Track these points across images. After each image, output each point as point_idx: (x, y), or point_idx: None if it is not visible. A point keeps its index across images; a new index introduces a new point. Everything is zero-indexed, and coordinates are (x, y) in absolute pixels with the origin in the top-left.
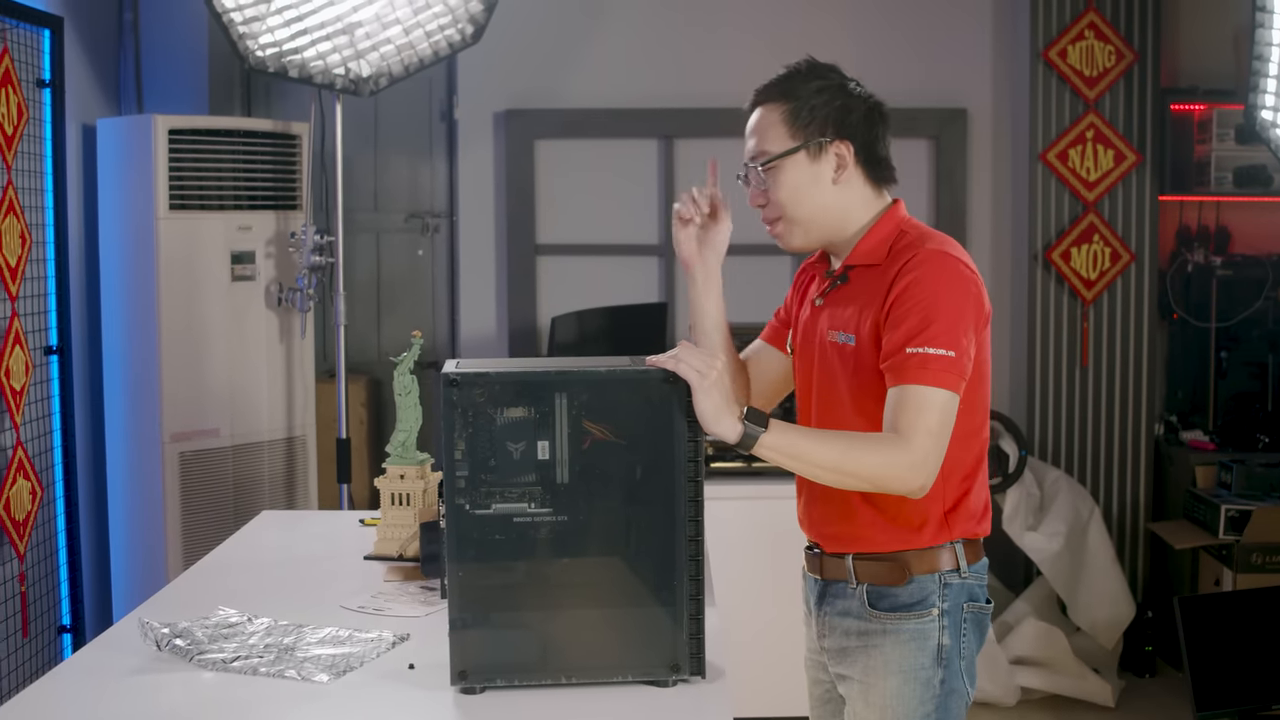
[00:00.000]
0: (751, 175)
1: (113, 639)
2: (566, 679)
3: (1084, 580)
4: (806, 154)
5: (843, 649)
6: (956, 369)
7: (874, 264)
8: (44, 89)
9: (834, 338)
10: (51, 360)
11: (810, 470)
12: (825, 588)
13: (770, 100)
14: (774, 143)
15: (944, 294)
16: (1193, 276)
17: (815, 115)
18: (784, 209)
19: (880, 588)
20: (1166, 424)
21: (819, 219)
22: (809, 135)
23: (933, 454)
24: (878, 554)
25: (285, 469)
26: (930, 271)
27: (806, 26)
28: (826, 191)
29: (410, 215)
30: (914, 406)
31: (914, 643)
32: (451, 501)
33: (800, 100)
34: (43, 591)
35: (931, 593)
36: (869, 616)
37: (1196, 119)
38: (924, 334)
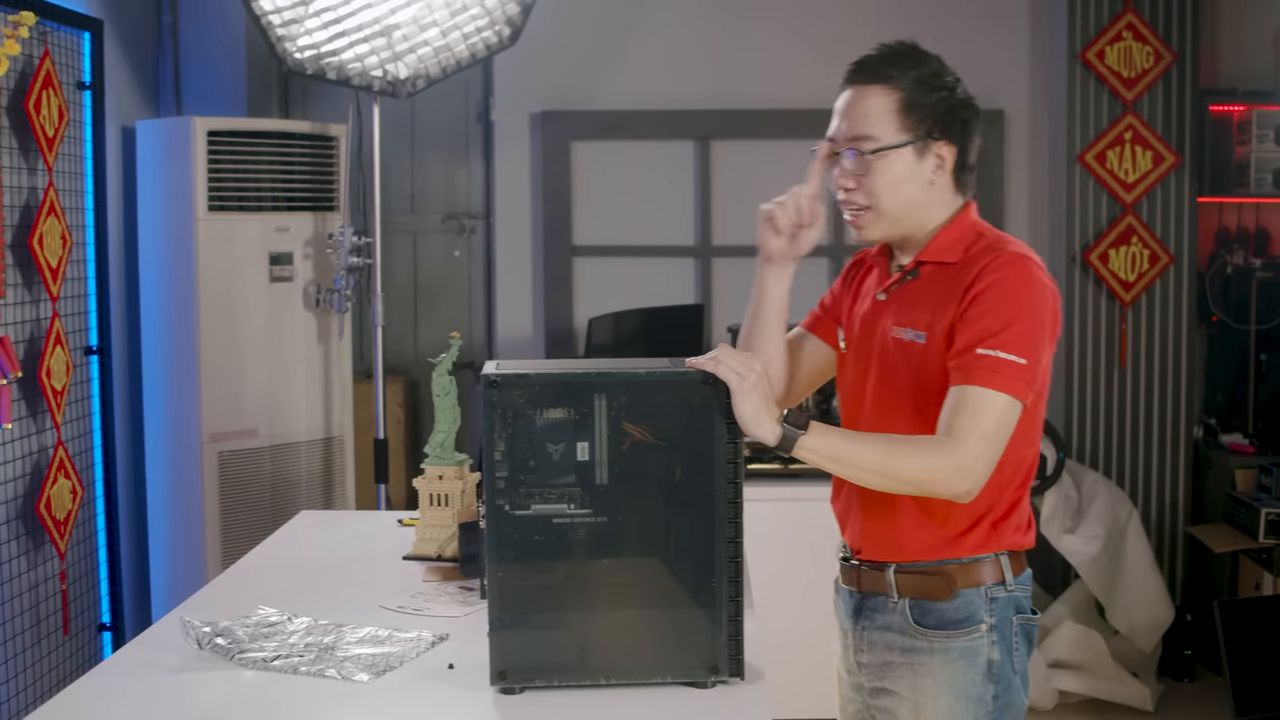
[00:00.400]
0: (848, 157)
1: (154, 637)
2: (605, 680)
3: (1122, 583)
4: (914, 149)
5: (885, 664)
6: (1026, 377)
7: (949, 262)
8: (84, 91)
9: (899, 334)
10: (92, 360)
11: (853, 473)
12: (862, 601)
13: (880, 83)
14: (883, 130)
15: (1025, 300)
16: (1232, 278)
17: (928, 112)
18: (877, 199)
19: (924, 602)
20: (1205, 427)
21: (906, 215)
22: (919, 131)
23: (983, 459)
24: (920, 564)
25: (323, 469)
26: (1014, 275)
27: (842, 28)
28: (921, 190)
29: (447, 216)
30: (972, 408)
31: (963, 660)
32: (491, 502)
33: (914, 92)
34: (83, 590)
35: (979, 608)
36: (914, 634)
37: (1236, 120)
38: (999, 336)
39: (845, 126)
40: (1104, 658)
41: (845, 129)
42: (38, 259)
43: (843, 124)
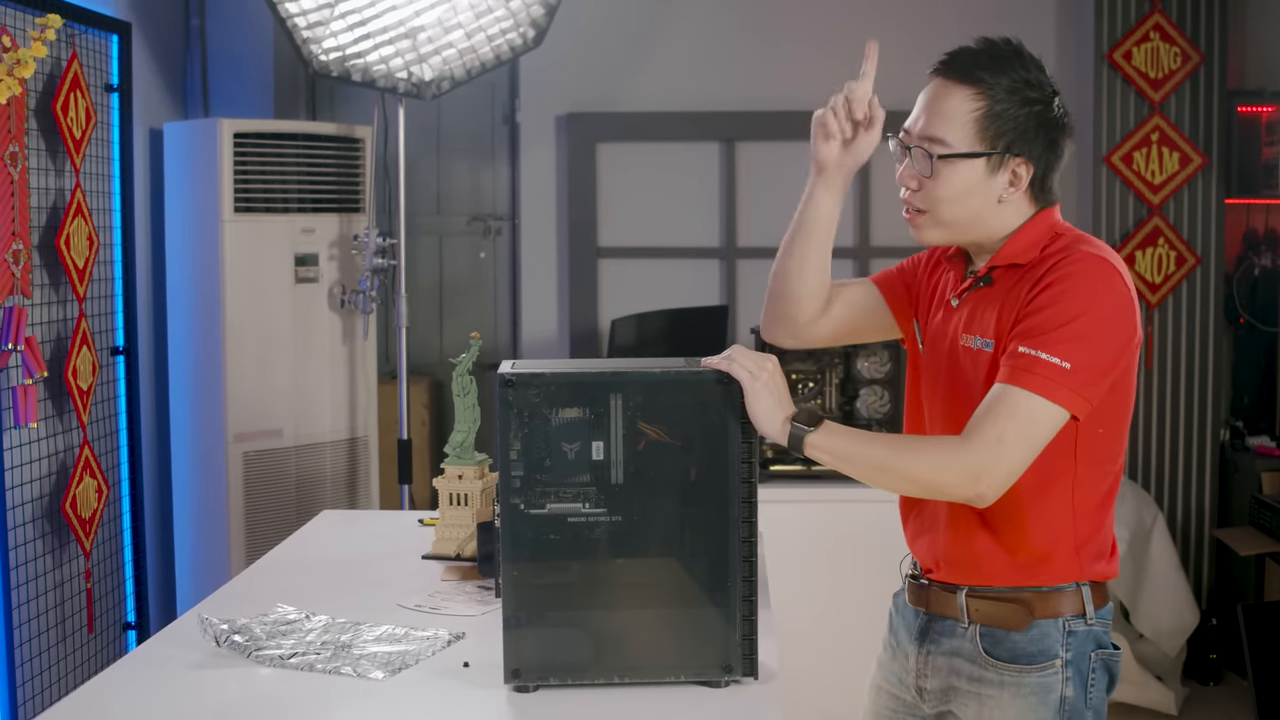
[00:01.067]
0: (917, 154)
1: (173, 634)
2: (619, 678)
3: (1147, 587)
4: (987, 163)
5: (950, 689)
6: (1069, 382)
7: (1022, 264)
8: (112, 93)
9: (968, 342)
10: (118, 360)
11: (860, 471)
12: (929, 623)
13: (968, 83)
14: (957, 136)
15: (1089, 300)
16: (1259, 280)
17: (1010, 125)
18: (937, 206)
19: (996, 631)
20: (1232, 429)
21: (968, 228)
22: (996, 145)
23: (997, 463)
24: (995, 589)
25: (347, 469)
26: (1082, 273)
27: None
28: (989, 205)
29: (472, 218)
30: (995, 409)
31: (1035, 697)
32: (506, 501)
33: (1000, 101)
34: (108, 589)
35: (1055, 641)
36: (984, 664)
37: (1264, 121)
38: (1046, 335)
39: (921, 123)
40: (1128, 661)
41: (920, 125)
42: (65, 260)
43: (919, 119)
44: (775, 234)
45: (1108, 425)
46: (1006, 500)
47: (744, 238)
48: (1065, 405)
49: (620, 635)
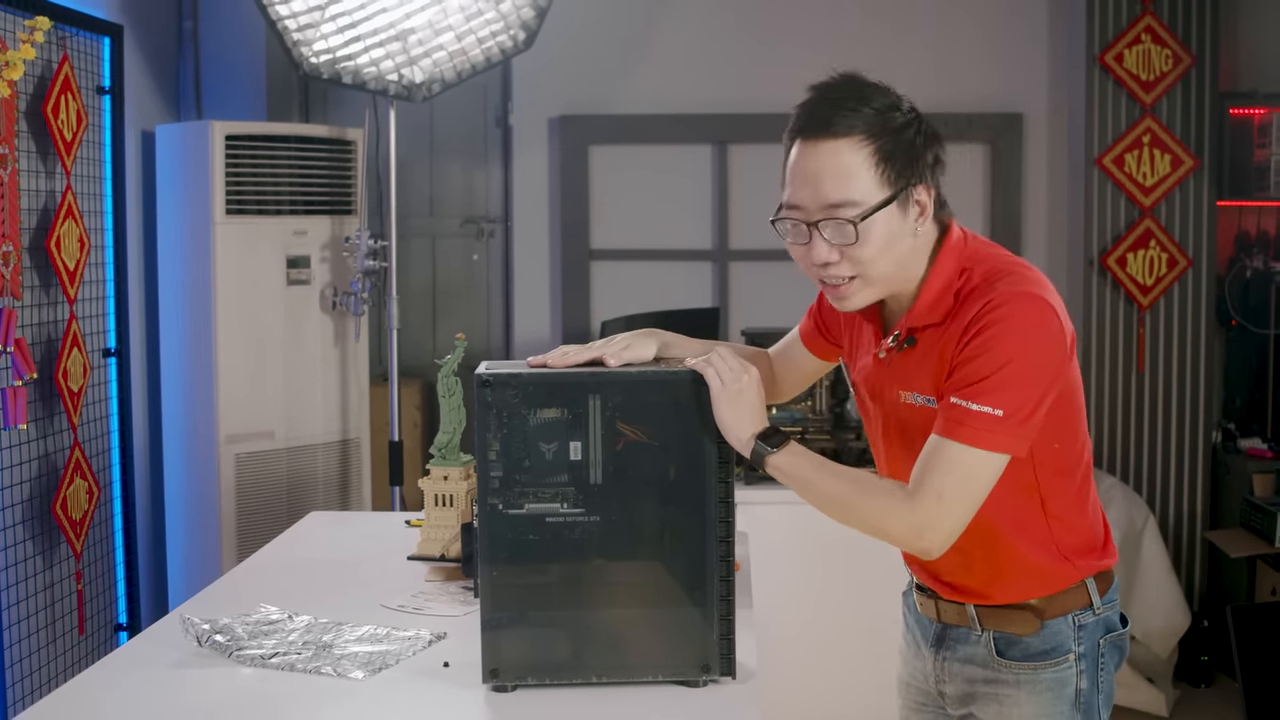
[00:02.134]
0: (829, 229)
1: (157, 634)
2: (597, 678)
3: (1139, 589)
4: (898, 204)
5: (968, 694)
6: (1002, 428)
7: (938, 322)
8: (104, 96)
9: (909, 399)
10: (110, 362)
11: (815, 501)
12: (944, 631)
13: (845, 134)
14: (863, 191)
15: (1018, 345)
16: (1251, 283)
17: (903, 157)
18: (868, 268)
19: (1008, 634)
20: (1224, 431)
21: (895, 277)
22: (899, 183)
23: (940, 520)
24: (1001, 606)
25: (339, 471)
26: (1009, 316)
27: (861, 32)
28: (907, 243)
29: (465, 220)
30: (933, 463)
31: (1050, 692)
32: (484, 501)
33: (884, 137)
34: (99, 590)
35: (1067, 636)
36: (998, 666)
37: (1256, 123)
38: (975, 386)
39: (815, 194)
40: None
41: (816, 197)
42: (55, 261)
43: (811, 191)
44: (767, 237)
45: (1062, 438)
46: (984, 535)
47: (736, 240)
48: (1002, 450)
49: (598, 635)
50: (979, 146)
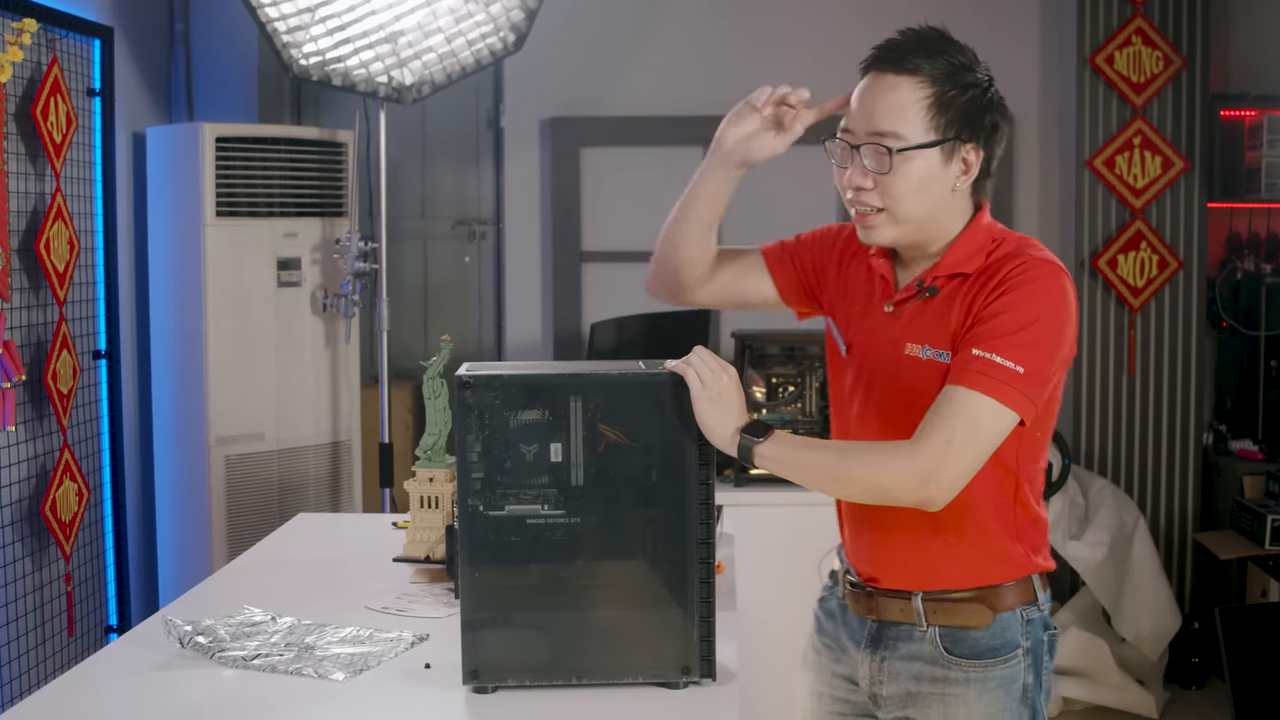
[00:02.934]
0: (868, 154)
1: (140, 636)
2: (578, 679)
3: (1128, 591)
4: (941, 151)
5: (910, 694)
6: (1023, 386)
7: (969, 272)
8: (94, 98)
9: (915, 352)
10: (100, 364)
11: (811, 480)
12: (881, 629)
13: (910, 73)
14: (910, 127)
15: (1044, 306)
16: (1242, 284)
17: (958, 110)
18: (895, 203)
19: (957, 630)
20: (1215, 433)
21: (924, 224)
22: (948, 131)
23: (947, 465)
24: (953, 592)
25: (330, 473)
26: (1039, 278)
27: (852, 33)
28: (943, 196)
29: (457, 222)
30: (948, 410)
31: (1001, 689)
32: (465, 503)
33: (947, 86)
34: (90, 592)
35: (1016, 632)
36: (947, 664)
37: (1247, 125)
38: (1002, 340)
39: (866, 120)
40: (1109, 665)
41: (866, 122)
42: (44, 263)
43: (863, 117)
44: (757, 238)
45: (1043, 427)
46: (960, 504)
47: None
48: (1015, 408)
49: (579, 636)
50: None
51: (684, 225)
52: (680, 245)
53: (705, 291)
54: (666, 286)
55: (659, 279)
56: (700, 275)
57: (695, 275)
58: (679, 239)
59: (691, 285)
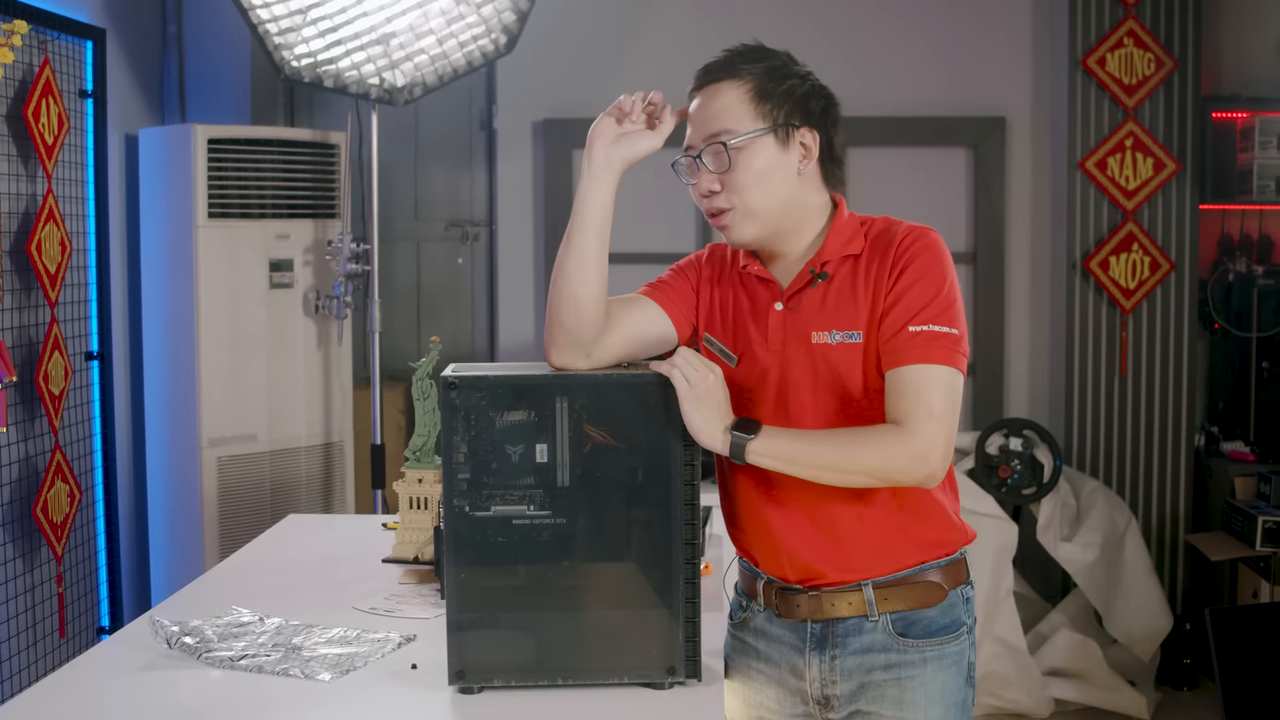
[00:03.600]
0: (708, 157)
1: (128, 636)
2: (563, 680)
3: (1120, 592)
4: (775, 137)
5: (862, 686)
6: (960, 346)
7: (855, 253)
8: (86, 99)
9: (827, 338)
10: (93, 365)
11: (807, 471)
12: (827, 629)
13: (727, 78)
14: (739, 121)
15: (945, 271)
16: (1234, 286)
17: (783, 98)
18: (744, 196)
19: (908, 614)
20: (1207, 435)
21: (777, 212)
22: (776, 118)
23: (939, 438)
24: (902, 574)
25: (322, 474)
26: (932, 245)
27: (844, 37)
28: (791, 181)
29: (450, 224)
30: (914, 389)
31: (953, 666)
32: (451, 503)
33: (765, 80)
34: (82, 593)
35: (960, 610)
36: (901, 647)
37: (1239, 127)
38: (926, 310)
39: (700, 129)
40: (1100, 666)
41: (701, 131)
42: (36, 265)
43: (698, 127)
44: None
45: None
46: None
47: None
48: (961, 369)
49: (564, 637)
50: (962, 150)
51: (584, 251)
52: (583, 277)
53: (613, 336)
54: (579, 339)
55: (565, 332)
56: (602, 314)
57: (599, 312)
58: (581, 270)
59: (598, 326)
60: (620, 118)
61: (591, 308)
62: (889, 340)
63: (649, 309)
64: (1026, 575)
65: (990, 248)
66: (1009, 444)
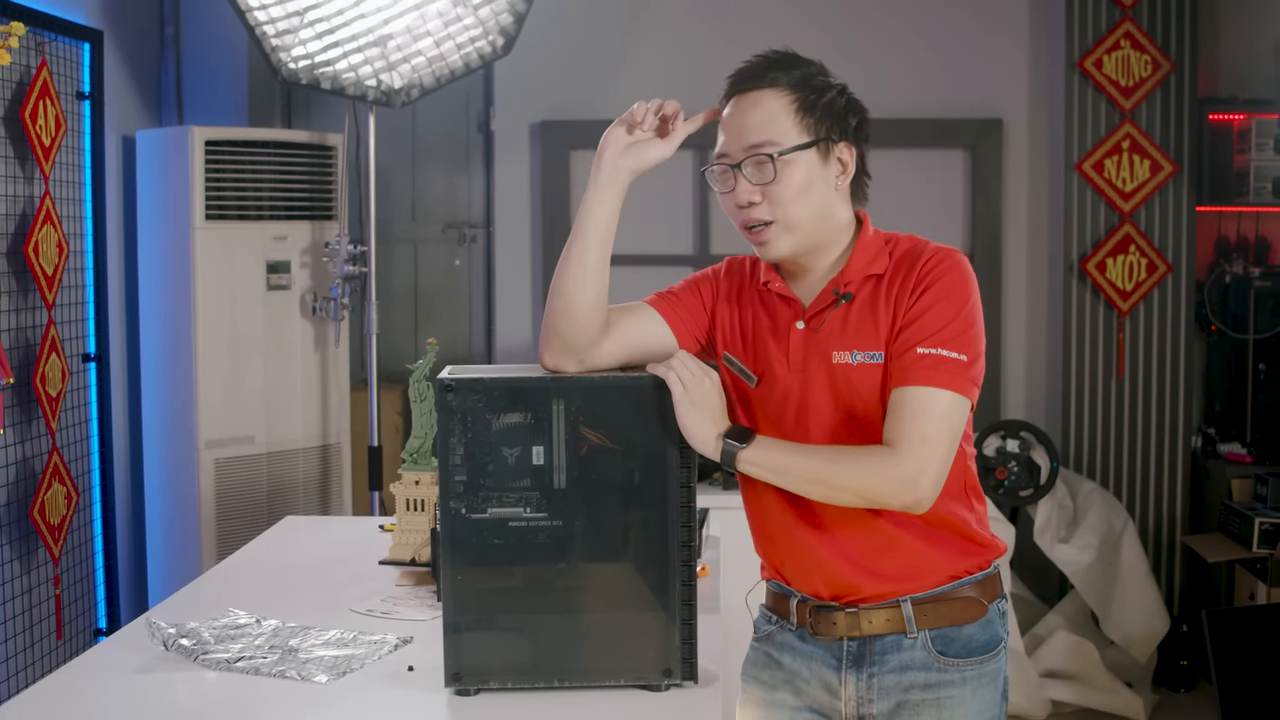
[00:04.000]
0: (750, 168)
1: (125, 639)
2: (559, 682)
3: (1117, 593)
4: (818, 152)
5: (900, 705)
6: (968, 373)
7: (879, 273)
8: (84, 101)
9: (848, 358)
10: (90, 367)
11: (796, 484)
12: (865, 647)
13: (767, 88)
14: (783, 133)
15: (966, 294)
16: (1231, 288)
17: (824, 111)
18: (785, 210)
19: (947, 631)
20: (1204, 436)
21: (816, 226)
22: (819, 131)
23: (930, 464)
24: (942, 589)
25: (320, 476)
26: (955, 268)
27: (842, 38)
28: (829, 196)
29: (448, 225)
30: (911, 411)
31: (992, 684)
32: (447, 506)
33: (807, 92)
34: (79, 594)
35: (998, 626)
36: (941, 666)
37: (1236, 129)
38: (941, 333)
39: (739, 138)
40: (1097, 668)
41: (740, 140)
42: (33, 267)
43: (736, 136)
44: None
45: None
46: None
47: (717, 245)
48: (968, 395)
49: (561, 639)
50: (959, 152)
51: (583, 260)
52: (584, 283)
53: (612, 345)
54: (574, 344)
55: (559, 338)
56: (599, 322)
57: (596, 321)
58: (579, 278)
59: (594, 334)
60: (631, 127)
61: (587, 316)
62: (897, 359)
63: (650, 320)
64: (1023, 577)
65: (987, 249)
66: (1006, 445)
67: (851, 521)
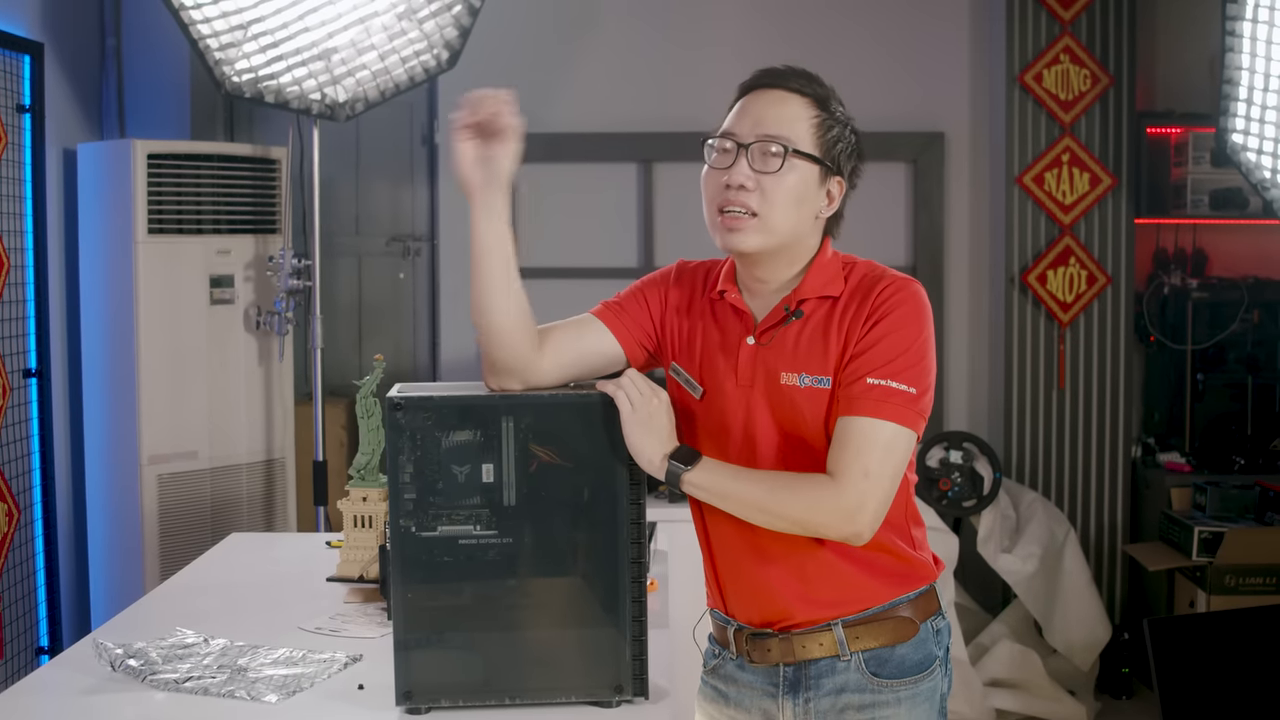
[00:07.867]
0: (758, 153)
1: (71, 659)
2: (511, 699)
3: (1060, 602)
4: (820, 173)
5: None
6: (916, 406)
7: (833, 295)
8: (24, 114)
9: (794, 380)
10: (31, 383)
11: (738, 509)
12: (800, 671)
13: (798, 93)
14: (800, 137)
15: (919, 326)
16: (1169, 299)
17: (834, 140)
18: (773, 208)
19: (880, 652)
20: (1144, 446)
21: (788, 239)
22: (827, 157)
23: (871, 498)
24: (873, 610)
25: (264, 491)
26: (909, 299)
27: (785, 51)
28: (808, 218)
29: (391, 239)
30: (856, 444)
31: (926, 703)
32: (397, 523)
33: (826, 114)
34: (20, 613)
35: (932, 644)
36: (875, 687)
37: (1173, 142)
38: (891, 365)
39: (755, 125)
40: (1041, 676)
41: (755, 127)
42: None
43: (751, 123)
44: (693, 254)
45: None
46: None
47: (662, 258)
48: (914, 428)
49: (512, 656)
50: (900, 165)
51: (488, 283)
52: (494, 306)
53: (547, 362)
54: (508, 365)
55: (490, 360)
56: (528, 339)
57: (524, 339)
58: (490, 300)
59: (528, 356)
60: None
61: (511, 335)
62: (846, 387)
63: (594, 332)
64: (967, 586)
65: (929, 262)
66: (949, 457)
67: (794, 548)
